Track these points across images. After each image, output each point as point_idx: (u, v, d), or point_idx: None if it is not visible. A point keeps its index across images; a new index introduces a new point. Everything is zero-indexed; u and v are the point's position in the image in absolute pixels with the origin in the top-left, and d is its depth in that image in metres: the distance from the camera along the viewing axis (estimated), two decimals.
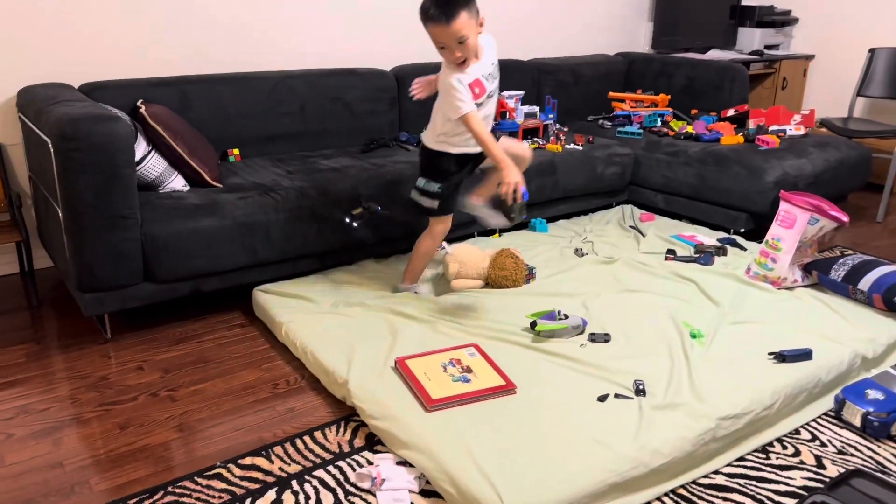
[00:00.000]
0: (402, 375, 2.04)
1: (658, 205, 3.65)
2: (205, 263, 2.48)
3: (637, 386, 2.00)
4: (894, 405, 1.98)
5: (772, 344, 2.25)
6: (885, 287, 2.49)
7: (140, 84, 2.90)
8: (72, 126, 2.18)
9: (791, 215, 2.70)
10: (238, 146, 3.13)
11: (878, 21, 4.62)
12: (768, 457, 1.90)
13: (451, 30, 2.08)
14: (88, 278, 2.31)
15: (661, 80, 4.32)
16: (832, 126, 4.09)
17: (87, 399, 2.12)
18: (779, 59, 4.83)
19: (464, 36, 2.09)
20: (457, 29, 2.07)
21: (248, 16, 3.26)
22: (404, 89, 3.57)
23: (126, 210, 2.30)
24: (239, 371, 2.29)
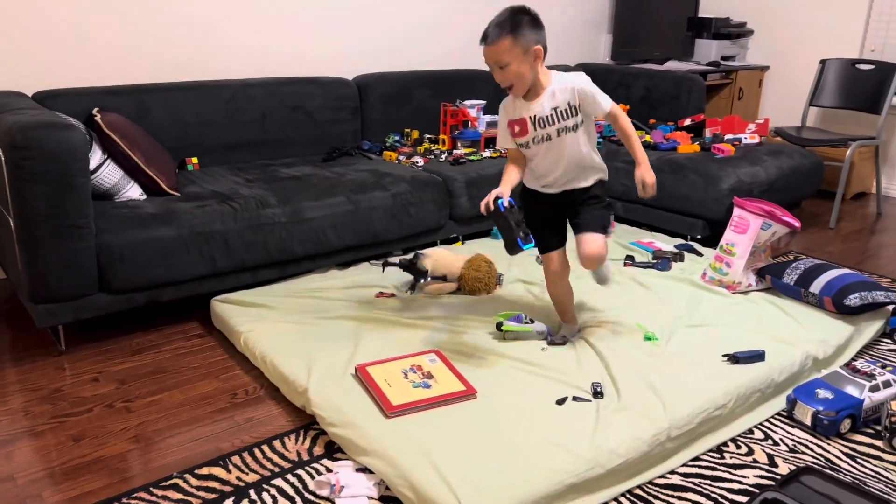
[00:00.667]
0: (363, 382, 2.04)
1: (618, 212, 3.70)
2: (162, 273, 2.45)
3: (595, 388, 2.03)
4: (843, 404, 2.03)
5: (726, 346, 2.30)
6: (835, 290, 2.55)
7: (95, 92, 2.87)
8: (23, 134, 2.15)
9: (744, 221, 2.77)
10: (197, 155, 3.11)
11: (829, 33, 4.76)
12: (723, 456, 1.93)
13: (491, 50, 2.02)
14: (42, 289, 2.26)
15: (620, 91, 4.39)
16: (786, 135, 4.20)
17: (40, 411, 2.08)
18: (735, 70, 4.95)
19: (503, 61, 2.00)
20: (495, 51, 2.00)
21: (207, 23, 3.25)
22: (367, 98, 3.60)
23: (80, 219, 2.26)
24: (197, 381, 2.27)
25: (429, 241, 3.21)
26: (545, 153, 2.17)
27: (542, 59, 2.04)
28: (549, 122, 2.11)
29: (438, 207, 3.13)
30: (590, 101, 2.10)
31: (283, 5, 3.44)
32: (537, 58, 2.02)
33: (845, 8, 4.68)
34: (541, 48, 2.02)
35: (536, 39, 2.01)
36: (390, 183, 3.00)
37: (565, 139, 2.13)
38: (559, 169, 2.18)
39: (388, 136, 3.64)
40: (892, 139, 4.62)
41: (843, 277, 2.60)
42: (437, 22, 4.02)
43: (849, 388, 2.08)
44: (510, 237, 2.00)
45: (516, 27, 1.98)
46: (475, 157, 3.44)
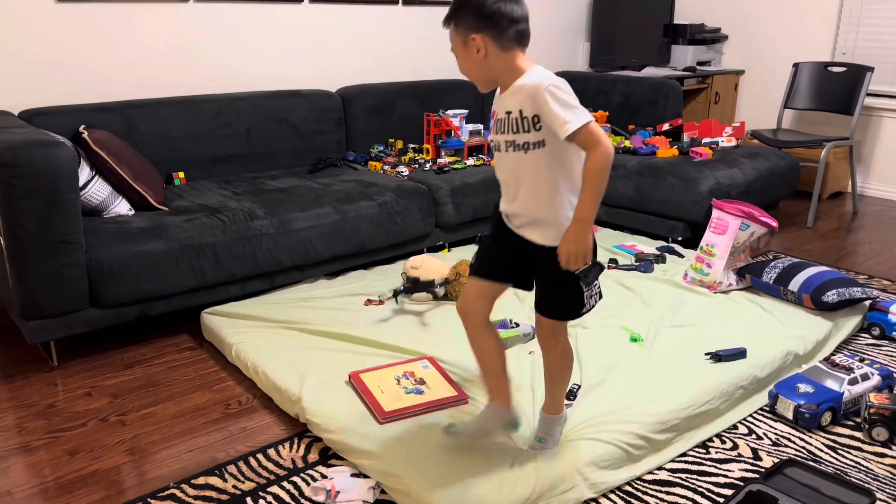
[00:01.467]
0: (356, 389, 2.07)
1: (600, 217, 3.76)
2: (152, 287, 2.47)
3: (572, 389, 2.07)
4: (823, 397, 2.09)
5: (709, 345, 2.36)
6: (812, 287, 2.62)
7: (82, 109, 2.89)
8: (11, 153, 2.17)
9: (723, 222, 2.83)
10: (183, 169, 3.13)
11: (801, 37, 4.88)
12: (708, 451, 1.98)
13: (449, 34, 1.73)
14: (32, 305, 2.28)
15: (599, 98, 4.46)
16: (762, 137, 4.29)
17: (35, 427, 2.09)
18: (711, 75, 5.04)
19: (452, 46, 1.72)
20: (450, 36, 1.72)
21: (191, 39, 3.28)
22: (350, 110, 3.64)
23: (70, 235, 2.28)
24: (190, 393, 2.29)
25: (415, 249, 3.25)
26: (499, 168, 1.76)
27: (486, 51, 1.65)
28: (501, 128, 1.69)
29: (424, 216, 3.17)
30: (546, 114, 1.57)
31: (266, 20, 3.47)
32: (479, 49, 1.65)
33: (816, 12, 4.79)
34: (480, 38, 1.64)
35: (478, 29, 1.64)
36: (376, 192, 3.04)
37: (517, 159, 1.66)
38: (509, 198, 1.73)
39: (372, 147, 3.68)
40: (865, 139, 4.73)
41: (820, 275, 2.67)
42: (418, 33, 4.07)
43: (828, 381, 2.14)
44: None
45: (456, 16, 1.68)
46: (459, 165, 3.49)
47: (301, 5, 3.57)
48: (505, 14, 1.65)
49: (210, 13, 3.30)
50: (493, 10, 1.65)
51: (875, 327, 2.67)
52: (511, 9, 1.65)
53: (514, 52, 1.67)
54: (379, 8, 3.87)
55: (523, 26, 1.68)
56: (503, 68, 1.68)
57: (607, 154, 1.57)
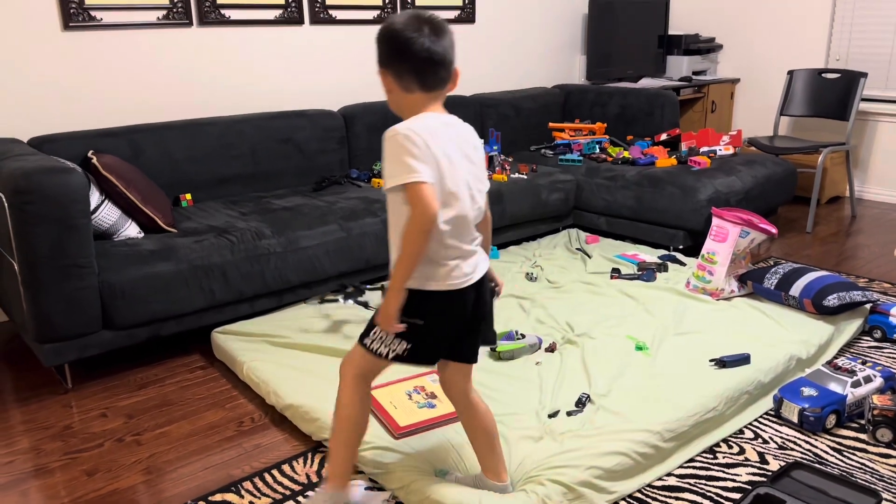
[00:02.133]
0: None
1: (601, 227, 3.80)
2: (163, 308, 2.51)
3: (581, 398, 2.11)
4: (827, 400, 2.12)
5: (713, 351, 2.39)
6: (814, 292, 2.66)
7: (90, 135, 2.94)
8: (25, 180, 2.21)
9: (723, 230, 2.88)
10: (190, 191, 3.17)
11: (795, 44, 4.94)
12: (716, 456, 2.01)
13: None
14: (47, 329, 2.32)
15: (597, 109, 4.52)
16: (759, 144, 4.34)
17: (52, 449, 2.13)
18: (707, 84, 5.10)
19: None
20: None
21: (195, 63, 3.33)
22: (352, 128, 3.69)
23: (82, 259, 2.33)
24: (203, 412, 2.32)
25: None
26: None
27: (393, 89, 1.52)
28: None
29: None
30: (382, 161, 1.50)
31: (268, 43, 3.53)
32: (387, 88, 1.54)
33: (809, 19, 4.86)
34: (383, 74, 1.53)
35: (384, 63, 1.52)
36: (380, 209, 3.08)
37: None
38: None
39: (374, 164, 3.72)
40: (861, 143, 4.78)
41: (821, 279, 2.71)
42: None
43: (832, 385, 2.17)
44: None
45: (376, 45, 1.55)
46: None
47: (302, 27, 3.64)
48: (410, 51, 1.48)
49: (213, 37, 3.36)
50: (397, 45, 1.50)
51: (876, 330, 2.71)
52: (418, 47, 1.48)
53: (416, 94, 1.51)
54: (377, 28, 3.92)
55: (430, 67, 1.49)
56: (406, 110, 1.54)
57: (422, 220, 1.43)
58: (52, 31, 2.95)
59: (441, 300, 1.55)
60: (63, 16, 2.96)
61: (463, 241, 1.55)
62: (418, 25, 1.49)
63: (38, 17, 2.90)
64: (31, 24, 2.89)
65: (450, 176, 1.49)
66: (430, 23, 1.50)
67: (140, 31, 3.16)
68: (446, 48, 1.51)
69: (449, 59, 1.52)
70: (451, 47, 1.53)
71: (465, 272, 1.56)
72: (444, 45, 1.51)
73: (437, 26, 1.51)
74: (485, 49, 4.46)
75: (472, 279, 1.58)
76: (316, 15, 3.66)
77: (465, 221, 1.54)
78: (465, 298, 1.58)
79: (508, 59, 4.61)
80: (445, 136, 1.51)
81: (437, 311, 1.56)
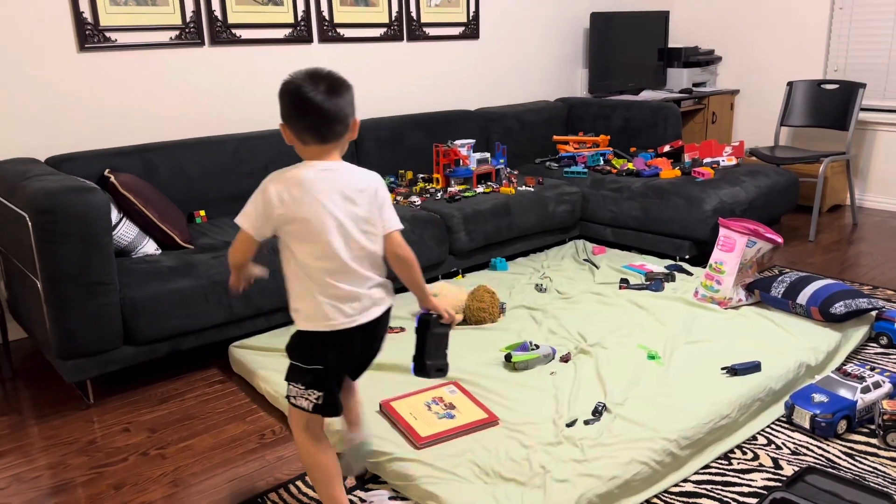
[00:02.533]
0: (389, 417, 2.15)
1: (608, 238, 3.85)
2: (182, 323, 2.55)
3: (597, 407, 2.15)
4: (838, 406, 2.17)
5: (724, 359, 2.44)
6: (821, 300, 2.71)
7: (106, 153, 2.99)
8: (49, 199, 2.26)
9: (730, 240, 2.93)
10: (203, 207, 3.22)
11: (793, 56, 5.02)
12: (730, 462, 2.06)
13: None
14: (70, 345, 2.36)
15: (600, 122, 4.58)
16: (761, 155, 4.40)
17: (78, 463, 2.16)
18: (707, 96, 5.17)
19: None
20: None
21: (208, 82, 3.39)
22: (363, 144, 3.75)
23: (105, 276, 2.37)
24: (225, 425, 2.36)
25: (431, 276, 3.33)
26: None
27: (293, 142, 1.65)
28: None
29: (438, 243, 3.27)
30: None
31: (278, 61, 3.59)
32: (287, 140, 1.66)
33: (806, 31, 4.94)
34: (285, 128, 1.64)
35: (282, 115, 1.63)
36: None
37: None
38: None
39: (385, 178, 3.77)
40: (860, 152, 4.85)
41: (827, 287, 2.76)
42: (423, 68, 4.20)
43: (842, 391, 2.22)
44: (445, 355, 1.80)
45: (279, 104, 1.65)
46: (469, 193, 3.59)
47: (311, 46, 3.70)
48: (305, 108, 1.57)
49: (224, 56, 3.42)
50: (294, 102, 1.58)
51: (883, 336, 2.76)
52: (312, 105, 1.56)
53: (311, 147, 1.61)
54: (384, 45, 4.00)
55: (324, 123, 1.58)
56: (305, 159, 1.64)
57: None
58: (69, 52, 3.01)
59: (323, 340, 1.63)
60: (79, 38, 3.01)
61: (342, 281, 1.60)
62: (315, 84, 1.57)
63: (55, 39, 2.96)
64: (49, 46, 2.95)
65: (316, 218, 1.58)
66: (326, 80, 1.59)
67: (153, 51, 3.22)
68: (340, 105, 1.59)
69: (343, 115, 1.61)
70: (348, 103, 1.62)
71: (347, 314, 1.62)
72: (339, 103, 1.59)
73: (333, 84, 1.60)
74: (488, 64, 4.53)
75: (356, 321, 1.63)
76: (324, 33, 3.73)
77: (340, 262, 1.60)
78: (349, 340, 1.64)
79: (512, 74, 4.68)
80: (321, 183, 1.59)
81: (323, 351, 1.64)
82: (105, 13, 3.05)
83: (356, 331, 1.65)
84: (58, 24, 2.96)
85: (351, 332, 1.64)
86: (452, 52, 4.32)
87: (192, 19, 3.29)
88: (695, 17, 5.51)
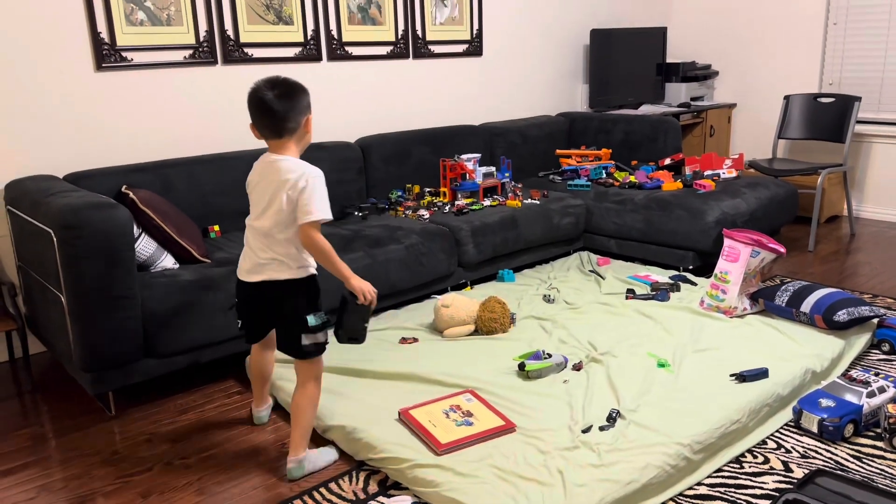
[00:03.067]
0: (409, 425, 2.20)
1: (612, 249, 3.93)
2: (202, 335, 2.61)
3: (611, 414, 2.21)
4: (845, 410, 2.23)
5: (732, 367, 2.50)
6: (824, 308, 2.78)
7: (122, 170, 3.05)
8: (74, 215, 2.32)
9: (735, 250, 3.00)
10: (217, 222, 3.28)
11: (789, 70, 5.13)
12: (742, 466, 2.12)
13: None
14: (93, 358, 2.41)
15: (601, 136, 4.66)
16: (760, 167, 4.49)
17: (104, 473, 2.21)
18: (705, 109, 5.27)
19: None
20: None
21: (221, 99, 3.46)
22: (369, 159, 3.82)
23: (127, 290, 2.42)
24: (246, 435, 2.41)
25: (440, 288, 3.40)
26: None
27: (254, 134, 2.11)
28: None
29: (448, 256, 3.33)
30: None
31: None
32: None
33: (801, 46, 5.05)
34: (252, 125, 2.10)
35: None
36: (402, 236, 3.20)
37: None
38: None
39: (391, 193, 3.85)
40: (857, 164, 4.95)
41: (830, 296, 2.83)
42: (428, 84, 4.28)
43: (848, 395, 2.28)
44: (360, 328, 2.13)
45: None
46: (476, 206, 3.66)
47: (320, 64, 3.78)
48: (257, 105, 2.03)
49: (237, 74, 3.49)
50: (249, 101, 2.05)
51: (885, 343, 2.83)
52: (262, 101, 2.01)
53: (269, 141, 2.07)
54: (391, 63, 4.09)
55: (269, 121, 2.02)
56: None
57: None
58: (86, 71, 3.08)
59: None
60: (96, 57, 3.08)
61: (250, 245, 2.11)
62: (270, 88, 2.01)
63: (73, 58, 3.03)
64: (67, 65, 3.02)
65: (254, 194, 2.12)
66: (281, 85, 2.02)
67: (168, 70, 3.29)
68: (290, 106, 2.02)
69: (293, 114, 2.03)
70: (301, 105, 2.05)
71: (243, 268, 2.14)
72: (289, 104, 2.01)
73: (286, 88, 2.02)
74: (492, 80, 4.62)
75: (242, 277, 2.14)
76: (333, 52, 3.81)
77: (252, 229, 2.10)
78: (242, 288, 2.16)
79: (514, 89, 4.77)
80: (263, 171, 2.09)
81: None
82: (122, 33, 3.12)
83: (244, 285, 2.14)
84: (76, 43, 3.03)
85: (241, 283, 2.16)
86: (457, 69, 4.41)
87: (206, 39, 3.36)
88: (692, 32, 5.62)
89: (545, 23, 4.85)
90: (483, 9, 4.46)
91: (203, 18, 3.34)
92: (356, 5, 3.86)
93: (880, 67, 4.76)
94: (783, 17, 5.12)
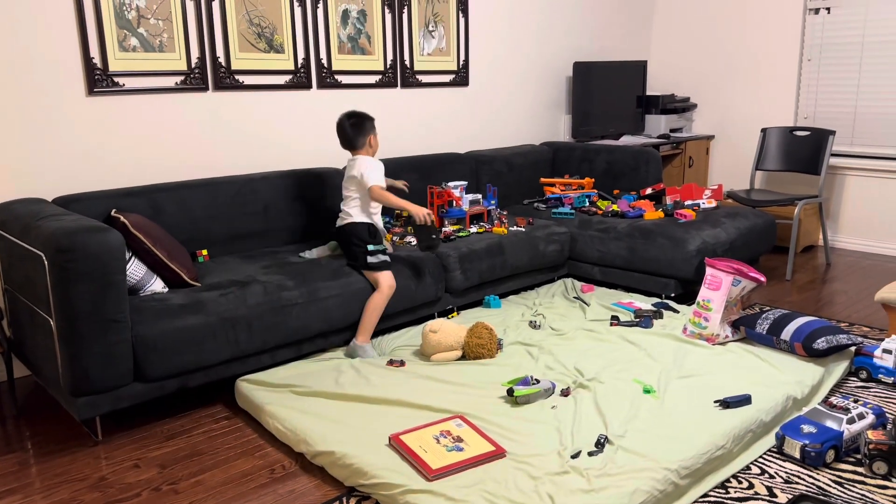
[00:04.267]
0: (399, 450, 2.22)
1: (595, 276, 3.99)
2: (192, 360, 2.61)
3: (600, 439, 2.25)
4: (826, 436, 2.28)
5: (715, 393, 2.55)
6: (804, 336, 2.85)
7: (112, 194, 3.06)
8: (68, 239, 2.33)
9: (717, 278, 3.07)
10: (206, 246, 3.29)
11: (765, 103, 5.28)
12: (727, 491, 2.15)
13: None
14: (83, 383, 2.39)
15: (584, 165, 4.75)
16: (738, 198, 4.59)
17: (91, 499, 2.19)
18: (684, 141, 5.39)
19: None
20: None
21: (211, 125, 3.49)
22: None
23: (118, 314, 2.43)
24: (234, 460, 2.40)
25: (427, 313, 3.43)
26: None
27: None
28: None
29: (436, 281, 3.37)
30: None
31: (279, 106, 3.71)
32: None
33: (777, 81, 5.21)
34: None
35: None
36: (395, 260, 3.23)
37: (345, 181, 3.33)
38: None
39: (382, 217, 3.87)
40: (832, 196, 5.08)
41: (809, 324, 2.90)
42: (416, 112, 4.35)
43: (829, 422, 2.34)
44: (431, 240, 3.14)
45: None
46: (463, 233, 3.71)
47: (310, 91, 3.83)
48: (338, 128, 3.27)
49: (228, 101, 3.53)
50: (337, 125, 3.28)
51: (862, 370, 2.90)
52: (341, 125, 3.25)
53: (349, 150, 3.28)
54: (380, 91, 4.15)
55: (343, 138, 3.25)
56: None
57: None
58: (78, 96, 3.09)
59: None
60: (88, 82, 3.10)
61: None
62: (348, 118, 3.23)
63: (65, 83, 3.05)
64: (59, 89, 3.04)
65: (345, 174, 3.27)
66: (354, 116, 3.24)
67: (160, 95, 3.32)
68: (357, 130, 3.21)
69: (360, 135, 3.22)
70: (366, 129, 3.23)
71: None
72: (356, 128, 3.21)
73: (356, 119, 3.22)
74: (477, 109, 4.70)
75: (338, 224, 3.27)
76: (323, 80, 3.86)
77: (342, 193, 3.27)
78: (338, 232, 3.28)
79: (499, 119, 4.85)
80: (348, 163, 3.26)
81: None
82: (114, 59, 3.15)
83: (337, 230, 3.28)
84: (68, 68, 3.05)
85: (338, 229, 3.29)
86: (444, 98, 4.48)
87: (197, 65, 3.40)
88: (671, 66, 5.77)
89: (529, 55, 4.96)
90: (470, 40, 4.56)
91: (195, 45, 3.38)
92: (346, 35, 3.93)
93: (853, 103, 4.92)
94: (760, 53, 5.28)
